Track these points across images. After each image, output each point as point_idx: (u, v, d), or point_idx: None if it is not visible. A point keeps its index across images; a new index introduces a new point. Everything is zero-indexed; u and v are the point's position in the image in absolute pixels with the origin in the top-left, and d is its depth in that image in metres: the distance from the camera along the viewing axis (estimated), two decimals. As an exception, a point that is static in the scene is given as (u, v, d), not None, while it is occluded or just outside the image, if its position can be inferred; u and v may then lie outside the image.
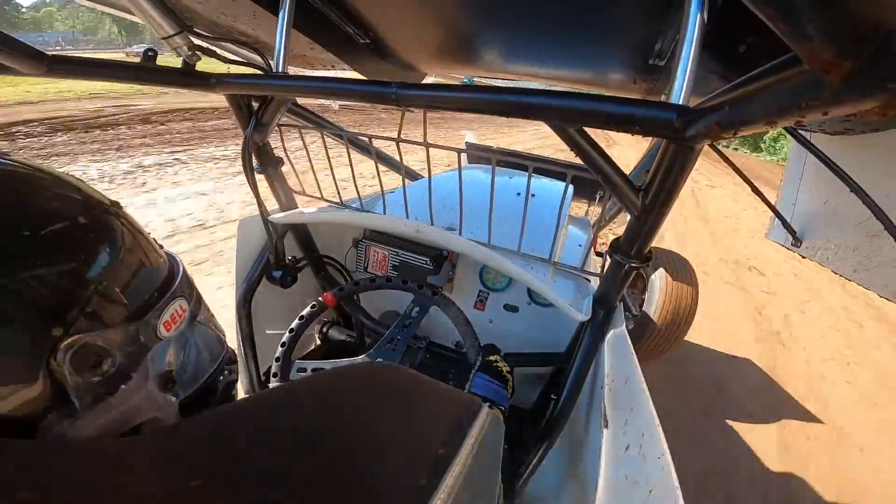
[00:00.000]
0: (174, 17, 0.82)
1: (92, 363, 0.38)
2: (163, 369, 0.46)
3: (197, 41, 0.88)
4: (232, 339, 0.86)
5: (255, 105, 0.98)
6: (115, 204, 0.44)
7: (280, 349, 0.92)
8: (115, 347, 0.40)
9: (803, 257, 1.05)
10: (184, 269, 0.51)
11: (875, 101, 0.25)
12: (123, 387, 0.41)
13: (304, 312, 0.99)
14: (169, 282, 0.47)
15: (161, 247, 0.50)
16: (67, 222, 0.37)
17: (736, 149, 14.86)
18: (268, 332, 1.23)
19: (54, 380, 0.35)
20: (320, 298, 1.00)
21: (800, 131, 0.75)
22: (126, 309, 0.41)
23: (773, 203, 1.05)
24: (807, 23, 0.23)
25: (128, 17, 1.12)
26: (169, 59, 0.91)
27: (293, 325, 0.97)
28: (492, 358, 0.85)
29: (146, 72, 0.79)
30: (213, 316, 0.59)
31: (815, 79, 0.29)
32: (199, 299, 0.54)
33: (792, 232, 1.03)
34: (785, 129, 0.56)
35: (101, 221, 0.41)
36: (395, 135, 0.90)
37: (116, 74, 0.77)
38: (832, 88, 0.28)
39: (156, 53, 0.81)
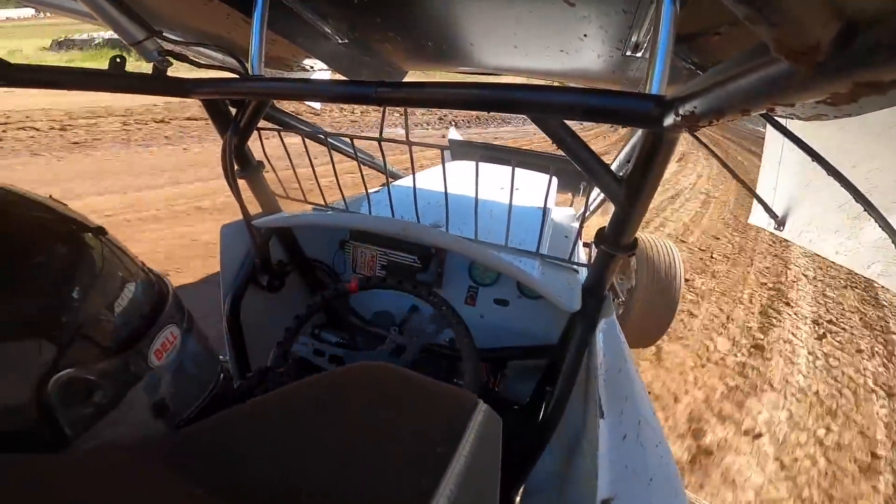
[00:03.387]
0: (142, 22, 0.79)
1: (81, 396, 0.37)
2: (155, 397, 0.45)
3: (168, 46, 0.85)
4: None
5: (234, 110, 0.96)
6: (100, 230, 0.43)
7: (285, 334, 0.93)
8: (105, 379, 0.39)
9: (786, 241, 1.06)
10: (173, 291, 0.50)
11: (842, 87, 0.25)
12: (112, 417, 0.40)
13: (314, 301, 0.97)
14: (159, 308, 0.46)
15: (150, 270, 0.49)
16: (46, 255, 0.36)
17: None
18: (258, 337, 1.21)
19: (44, 413, 0.35)
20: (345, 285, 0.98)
21: (775, 117, 0.76)
22: (115, 340, 0.40)
23: (753, 188, 1.07)
24: (772, 12, 0.23)
25: (93, 24, 1.09)
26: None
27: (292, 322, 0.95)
28: None
29: (116, 79, 0.77)
30: (203, 333, 0.58)
31: (783, 67, 0.29)
32: (191, 319, 0.53)
33: (774, 216, 1.04)
34: (760, 115, 0.57)
35: (83, 251, 0.39)
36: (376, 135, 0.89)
37: (84, 83, 0.75)
38: (801, 76, 0.28)
39: (124, 60, 0.78)
